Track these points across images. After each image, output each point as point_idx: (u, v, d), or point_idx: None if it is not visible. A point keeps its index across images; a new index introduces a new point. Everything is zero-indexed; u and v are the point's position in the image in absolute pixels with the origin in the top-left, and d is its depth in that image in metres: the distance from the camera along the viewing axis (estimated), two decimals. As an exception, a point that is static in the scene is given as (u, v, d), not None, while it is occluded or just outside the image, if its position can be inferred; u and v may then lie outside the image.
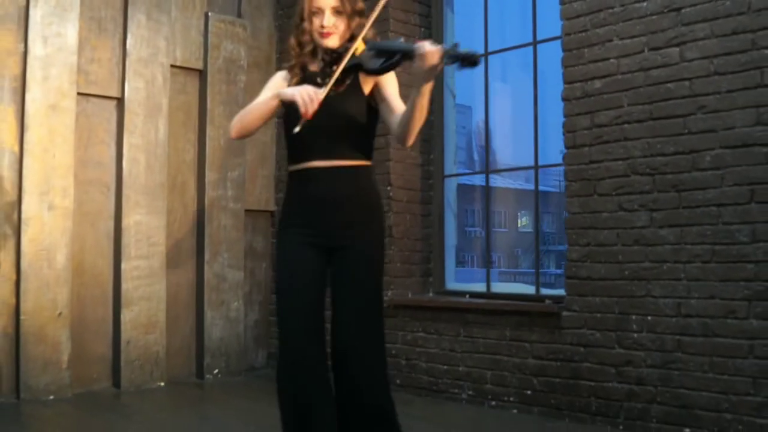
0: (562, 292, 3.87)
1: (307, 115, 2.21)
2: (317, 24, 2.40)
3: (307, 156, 2.41)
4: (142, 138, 4.63)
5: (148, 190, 4.64)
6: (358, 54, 2.27)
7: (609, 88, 3.63)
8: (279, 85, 2.50)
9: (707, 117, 3.31)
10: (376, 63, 2.24)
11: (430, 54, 2.07)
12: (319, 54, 2.44)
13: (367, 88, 2.41)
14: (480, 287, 4.53)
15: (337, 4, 2.38)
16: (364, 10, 2.45)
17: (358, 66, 2.29)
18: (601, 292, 3.62)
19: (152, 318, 4.62)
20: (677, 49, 3.40)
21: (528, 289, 4.42)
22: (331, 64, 2.35)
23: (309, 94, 2.21)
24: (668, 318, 3.38)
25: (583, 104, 3.73)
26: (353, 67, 2.29)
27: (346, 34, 2.41)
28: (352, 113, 2.38)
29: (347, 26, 2.40)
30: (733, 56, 3.24)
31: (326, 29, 2.38)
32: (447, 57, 2.06)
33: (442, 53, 2.06)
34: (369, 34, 2.37)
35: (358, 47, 2.27)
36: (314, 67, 2.46)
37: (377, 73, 2.28)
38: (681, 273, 3.36)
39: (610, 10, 3.63)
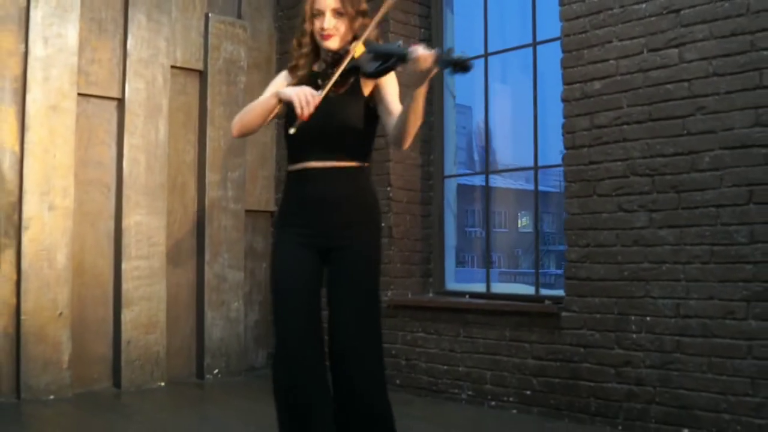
0: (561, 292, 3.88)
1: (303, 117, 2.22)
2: (318, 26, 2.41)
3: (304, 156, 2.42)
4: (143, 138, 4.64)
5: (149, 190, 4.65)
6: (357, 56, 2.27)
7: (608, 90, 3.63)
8: (281, 86, 2.50)
9: (706, 118, 3.32)
10: (372, 66, 2.24)
11: (423, 58, 2.08)
12: (321, 55, 2.45)
13: (367, 90, 2.41)
14: (480, 287, 4.53)
15: (337, 6, 2.38)
16: (368, 11, 2.45)
17: (356, 69, 2.29)
18: (601, 293, 3.62)
19: (153, 318, 4.63)
20: (676, 50, 3.41)
21: (528, 290, 4.42)
22: (332, 65, 2.36)
23: (306, 96, 2.22)
24: (667, 319, 3.39)
25: (582, 105, 3.74)
26: (351, 70, 2.30)
27: (348, 35, 2.40)
28: (349, 115, 2.39)
29: (349, 28, 2.40)
30: (732, 57, 3.24)
31: (326, 31, 2.38)
32: (439, 62, 2.07)
33: (435, 58, 2.07)
34: (372, 36, 2.37)
35: (358, 49, 2.28)
36: (316, 68, 2.46)
37: (373, 76, 2.29)
38: (680, 274, 3.36)
39: (610, 12, 3.64)
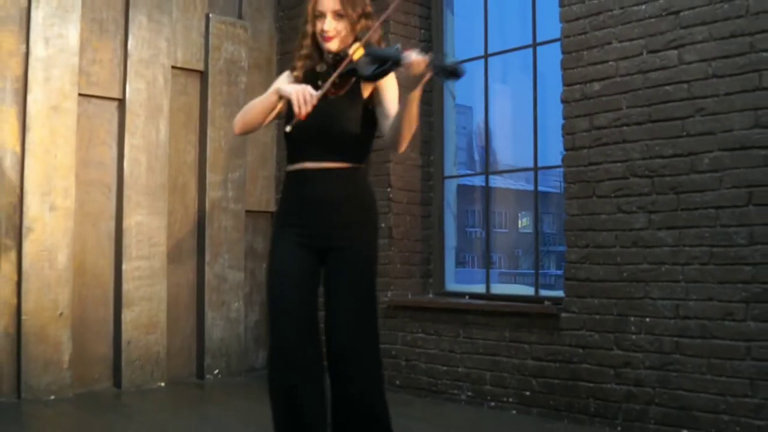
0: (561, 293, 3.88)
1: (300, 116, 2.24)
2: (319, 28, 2.41)
3: (303, 157, 2.43)
4: (143, 139, 4.65)
5: (149, 190, 4.66)
6: (356, 59, 2.29)
7: (608, 91, 3.64)
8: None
9: (705, 119, 3.32)
10: (369, 69, 2.26)
11: (416, 63, 2.10)
12: (323, 56, 2.46)
13: (367, 92, 2.42)
14: (480, 288, 4.54)
15: (338, 9, 2.39)
16: (371, 14, 2.45)
17: (353, 71, 2.31)
18: (600, 294, 3.63)
19: (153, 318, 4.64)
20: (676, 51, 3.41)
21: (528, 291, 4.43)
22: (332, 67, 2.37)
23: (305, 95, 2.23)
24: (666, 320, 3.40)
25: (582, 106, 3.74)
26: (349, 72, 2.31)
27: (349, 37, 2.41)
28: (348, 117, 2.39)
29: (350, 30, 2.41)
30: (731, 59, 3.25)
31: (327, 33, 2.39)
32: (432, 67, 2.09)
33: (428, 63, 2.09)
34: (375, 38, 2.38)
35: (357, 52, 2.29)
36: (318, 69, 2.47)
37: (369, 79, 2.30)
38: (679, 275, 3.37)
39: (609, 13, 3.65)
